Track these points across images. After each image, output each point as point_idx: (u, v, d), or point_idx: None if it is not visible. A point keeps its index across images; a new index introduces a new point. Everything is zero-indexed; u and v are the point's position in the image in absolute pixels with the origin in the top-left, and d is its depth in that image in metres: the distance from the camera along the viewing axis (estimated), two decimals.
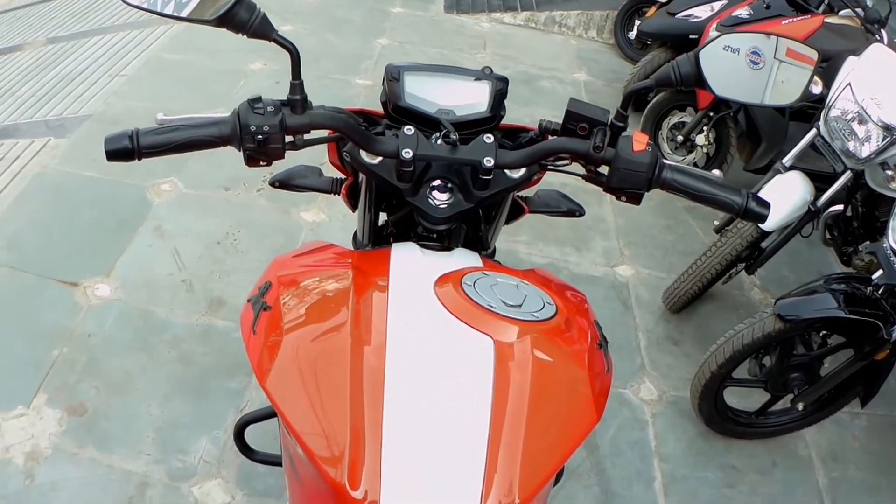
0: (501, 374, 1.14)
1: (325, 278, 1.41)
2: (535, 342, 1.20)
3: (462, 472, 1.06)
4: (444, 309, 1.23)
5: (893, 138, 2.84)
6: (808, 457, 3.28)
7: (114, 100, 4.65)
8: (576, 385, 1.22)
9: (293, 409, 1.13)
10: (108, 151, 1.34)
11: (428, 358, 1.16)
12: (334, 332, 1.22)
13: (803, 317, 2.76)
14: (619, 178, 1.44)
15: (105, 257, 3.44)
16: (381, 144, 1.43)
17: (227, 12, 1.28)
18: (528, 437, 1.10)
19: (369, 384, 1.11)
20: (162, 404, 2.87)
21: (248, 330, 1.34)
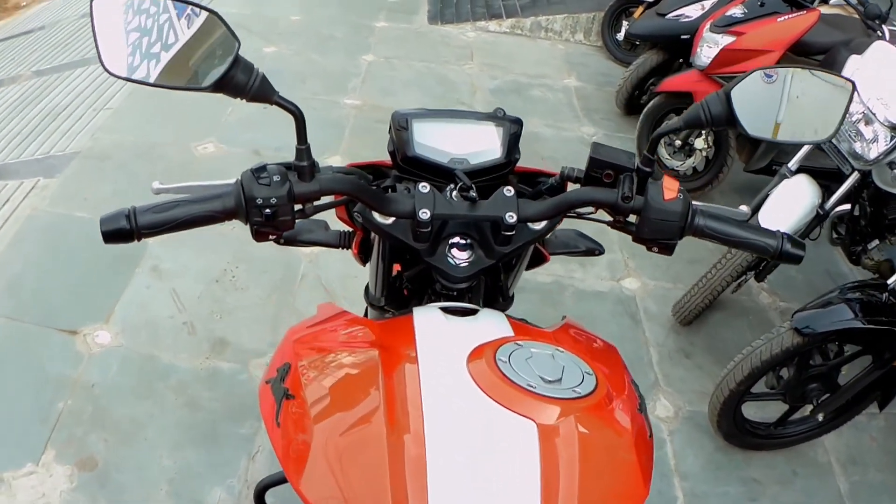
0: (548, 459, 1.08)
1: (349, 357, 1.32)
2: (580, 420, 1.14)
3: None
4: (480, 391, 1.16)
5: None
6: (827, 463, 3.28)
7: (101, 134, 4.62)
8: (623, 460, 1.17)
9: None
10: (105, 233, 1.26)
11: (470, 445, 1.09)
12: (367, 421, 1.14)
13: (821, 330, 2.74)
14: (650, 228, 1.38)
15: (103, 301, 3.41)
16: (396, 204, 1.37)
17: (223, 77, 1.22)
18: None
19: (412, 475, 1.05)
20: (173, 453, 2.84)
21: (271, 421, 1.26)
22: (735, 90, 1.33)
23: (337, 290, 3.63)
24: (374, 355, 1.26)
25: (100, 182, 4.16)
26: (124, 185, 4.14)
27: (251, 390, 3.10)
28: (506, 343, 1.25)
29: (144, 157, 4.41)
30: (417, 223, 1.36)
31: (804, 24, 4.16)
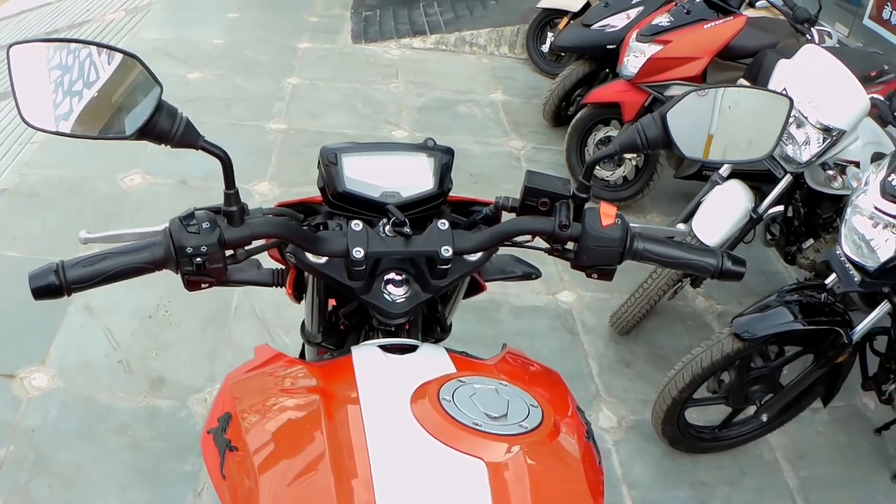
0: (499, 497, 1.09)
1: (290, 402, 1.32)
2: (529, 454, 1.14)
3: None
4: (426, 433, 1.15)
5: (833, 139, 2.93)
6: (774, 460, 3.37)
7: (27, 170, 4.59)
8: (575, 490, 1.19)
9: None
10: (34, 290, 1.25)
11: (420, 488, 1.10)
12: (314, 469, 1.15)
13: (761, 334, 2.80)
14: (588, 255, 1.41)
15: (38, 343, 3.40)
16: (329, 244, 1.37)
17: (146, 124, 1.21)
18: None
19: None
20: (119, 495, 2.84)
21: (216, 472, 1.26)
22: (671, 112, 1.35)
23: (271, 318, 3.66)
24: (315, 399, 1.26)
25: (28, 219, 4.14)
26: (53, 223, 4.12)
27: (191, 427, 3.12)
28: (449, 381, 1.25)
29: (72, 191, 4.40)
30: (351, 262, 1.36)
31: (731, 31, 4.28)
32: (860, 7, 5.38)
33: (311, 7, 7.88)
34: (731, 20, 4.35)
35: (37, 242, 3.97)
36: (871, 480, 3.33)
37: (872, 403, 3.65)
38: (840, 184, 3.10)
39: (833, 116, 2.91)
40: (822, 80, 3.00)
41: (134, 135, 1.21)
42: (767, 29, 4.34)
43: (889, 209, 2.46)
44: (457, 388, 1.22)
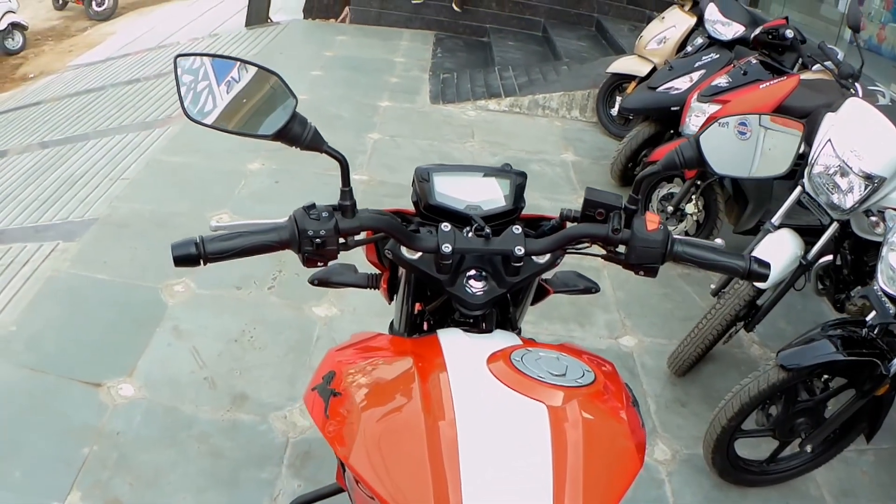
0: (557, 435, 1.32)
1: (386, 364, 1.56)
2: (582, 405, 1.37)
3: None
4: (499, 383, 1.40)
5: (874, 186, 3.04)
6: (820, 496, 3.42)
7: (118, 203, 4.82)
8: (620, 438, 1.40)
9: (380, 480, 1.28)
10: (176, 258, 1.47)
11: (494, 427, 1.33)
12: (408, 410, 1.37)
13: (804, 364, 2.93)
14: (636, 255, 1.63)
15: (126, 357, 3.57)
16: (422, 241, 1.58)
17: (283, 128, 1.50)
18: (586, 486, 1.28)
19: (447, 454, 1.27)
20: (196, 497, 2.98)
21: (320, 416, 1.48)
22: (703, 136, 1.62)
23: None
24: (408, 361, 1.49)
25: (119, 248, 4.35)
26: (143, 252, 4.33)
27: (271, 440, 3.26)
28: (518, 349, 1.49)
29: (161, 226, 4.61)
30: (441, 256, 1.57)
31: (785, 90, 4.43)
32: None
33: (392, 69, 8.17)
34: (784, 80, 4.52)
35: (126, 269, 4.18)
36: None
37: None
38: (882, 230, 3.20)
39: (874, 164, 3.03)
40: (864, 130, 3.14)
41: (272, 136, 1.51)
42: (821, 90, 4.47)
43: None
44: (524, 353, 1.46)
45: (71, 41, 9.93)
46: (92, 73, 8.18)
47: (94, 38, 9.88)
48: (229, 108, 1.54)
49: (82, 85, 7.90)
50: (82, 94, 7.55)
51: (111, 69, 8.09)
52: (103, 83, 7.72)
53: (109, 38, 9.71)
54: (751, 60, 4.76)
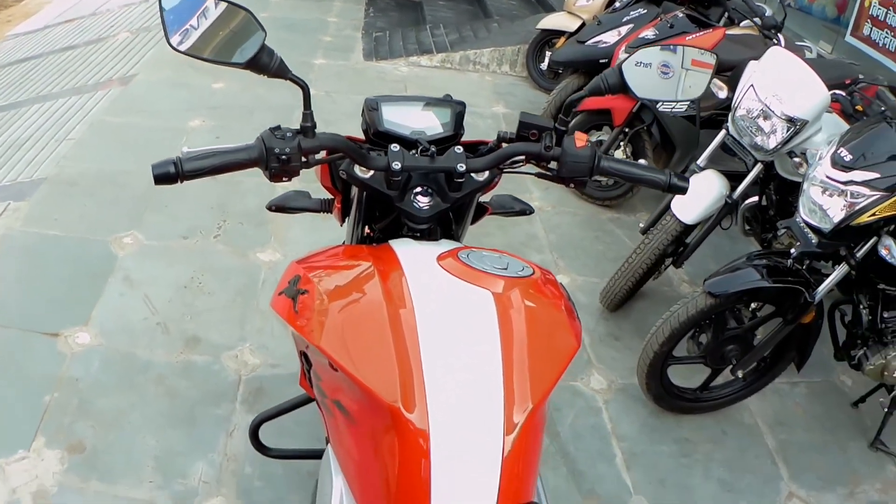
0: (503, 318, 1.43)
1: (347, 265, 1.68)
2: (523, 293, 1.50)
3: (486, 391, 1.34)
4: (450, 275, 1.52)
5: (796, 128, 3.10)
6: (755, 424, 3.51)
7: (65, 163, 4.73)
8: (558, 321, 1.53)
9: (348, 356, 1.39)
10: (156, 176, 1.54)
11: (447, 312, 1.44)
12: (370, 300, 1.48)
13: (730, 291, 3.00)
14: (567, 169, 1.76)
15: (81, 308, 3.54)
16: (375, 161, 1.68)
17: (253, 57, 1.57)
18: (531, 359, 1.39)
19: (408, 335, 1.38)
20: (156, 435, 2.99)
21: (289, 314, 1.58)
22: (625, 64, 1.78)
23: None
24: (367, 262, 1.61)
25: (68, 205, 4.28)
26: (92, 208, 4.28)
27: (225, 378, 3.28)
28: (464, 249, 1.63)
29: (109, 183, 4.53)
30: (391, 173, 1.67)
31: (711, 41, 4.46)
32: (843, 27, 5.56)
33: (326, 29, 8.06)
34: (710, 32, 4.56)
35: (76, 224, 4.12)
36: (848, 448, 3.45)
37: (850, 380, 3.80)
38: (806, 170, 3.27)
39: (796, 108, 3.09)
40: (786, 77, 3.19)
41: (244, 64, 1.58)
42: (748, 44, 4.51)
43: (838, 177, 2.69)
44: (470, 252, 1.60)
45: (8, 11, 9.67)
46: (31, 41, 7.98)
47: (31, 8, 9.62)
48: (205, 39, 1.60)
49: (22, 53, 7.70)
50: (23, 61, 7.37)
51: (50, 37, 7.90)
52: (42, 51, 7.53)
53: (46, 6, 9.46)
54: (677, 14, 4.77)
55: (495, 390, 1.34)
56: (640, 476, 3.17)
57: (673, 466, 3.25)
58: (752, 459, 3.34)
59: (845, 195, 2.68)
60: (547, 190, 5.15)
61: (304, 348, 1.76)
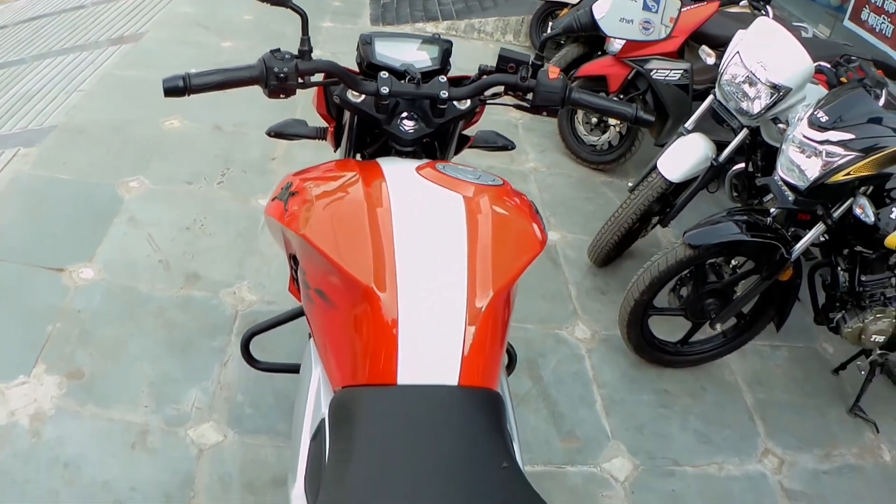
0: (471, 217, 1.57)
1: (335, 174, 1.78)
2: (492, 199, 1.63)
3: (452, 277, 1.48)
4: (426, 181, 1.66)
5: (780, 95, 3.15)
6: (734, 382, 3.56)
7: (74, 112, 4.77)
8: (522, 225, 1.65)
9: (328, 243, 1.51)
10: (166, 89, 1.69)
11: (421, 210, 1.58)
12: (352, 199, 1.62)
13: (709, 242, 3.06)
14: (540, 98, 1.91)
15: (86, 246, 3.60)
16: (365, 85, 1.81)
17: None
18: (494, 254, 1.52)
19: (384, 227, 1.51)
20: (153, 364, 3.05)
21: (280, 212, 1.71)
22: (595, 5, 1.95)
23: None
24: (354, 171, 1.73)
25: (77, 151, 4.33)
26: (100, 154, 4.33)
27: (222, 313, 3.35)
28: (442, 162, 1.78)
29: (117, 131, 4.58)
30: (380, 97, 1.80)
31: (704, 14, 4.49)
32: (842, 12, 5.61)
33: None
34: (704, 5, 4.58)
35: (84, 169, 4.17)
36: (826, 412, 3.48)
37: (831, 348, 3.84)
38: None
39: (780, 76, 3.13)
40: (772, 45, 3.23)
41: None
42: (741, 20, 4.52)
43: (815, 137, 2.76)
44: (447, 165, 1.73)
45: None
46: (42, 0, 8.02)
47: None
48: None
49: (33, 12, 7.73)
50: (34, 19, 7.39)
51: None
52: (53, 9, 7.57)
53: None
54: None
55: (460, 277, 1.47)
56: (618, 422, 3.23)
57: (651, 416, 3.30)
58: (730, 415, 3.38)
59: (821, 155, 2.75)
60: (543, 152, 5.21)
61: (292, 251, 1.88)
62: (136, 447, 2.74)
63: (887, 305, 3.20)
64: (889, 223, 2.90)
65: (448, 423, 1.37)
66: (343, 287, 1.52)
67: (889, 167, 2.79)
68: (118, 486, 2.60)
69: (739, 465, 3.15)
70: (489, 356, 1.48)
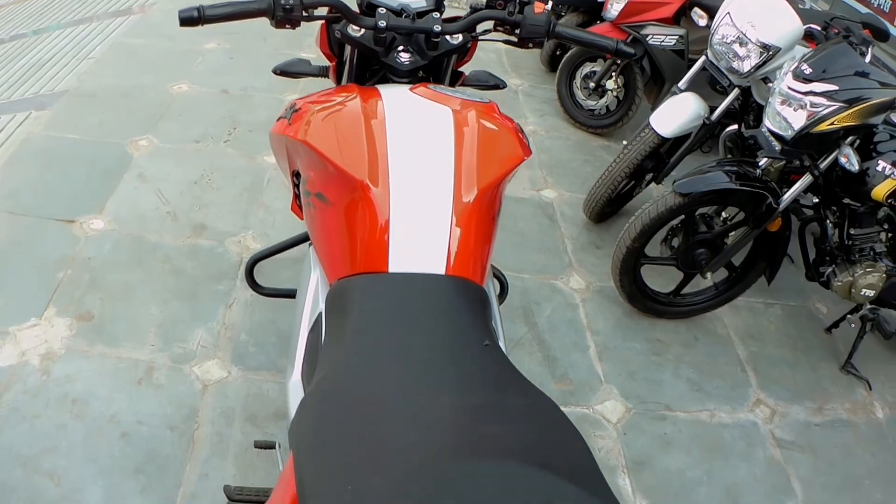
0: (459, 126, 1.67)
1: (337, 94, 1.82)
2: (479, 113, 1.73)
3: (440, 175, 1.58)
4: (418, 97, 1.76)
5: (769, 55, 3.19)
6: (726, 335, 3.58)
7: (85, 77, 4.80)
8: (507, 136, 1.74)
9: (327, 146, 1.61)
10: (182, 19, 1.78)
11: (412, 119, 1.68)
12: (350, 111, 1.69)
13: (698, 190, 3.08)
14: (526, 31, 2.00)
15: (96, 199, 3.64)
16: (365, 20, 1.91)
17: None
18: (480, 157, 1.63)
19: (378, 133, 1.62)
20: (161, 307, 3.10)
21: (284, 127, 1.80)
22: None
23: None
24: (353, 92, 1.79)
25: (88, 113, 4.36)
26: (111, 116, 4.36)
27: (227, 260, 3.40)
28: (435, 84, 1.89)
29: (127, 95, 4.61)
30: (378, 31, 1.91)
31: None
32: None
33: None
34: None
35: (95, 130, 4.21)
36: (819, 368, 3.49)
37: (824, 308, 3.84)
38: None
39: (770, 36, 3.18)
40: (762, 6, 3.26)
41: None
42: None
43: (799, 88, 2.80)
44: (439, 86, 1.84)
45: None
46: None
47: None
48: None
49: None
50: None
51: None
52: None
53: None
54: None
55: (447, 174, 1.57)
56: (611, 367, 3.26)
57: (644, 363, 3.33)
58: (722, 366, 3.40)
59: (805, 106, 2.78)
60: (542, 117, 5.24)
61: (295, 166, 1.96)
62: (143, 383, 2.79)
63: (877, 260, 3.23)
64: (875, 175, 2.93)
65: (435, 307, 1.45)
66: (340, 185, 1.60)
67: (872, 118, 2.83)
68: (125, 419, 2.65)
69: (731, 413, 3.17)
70: (475, 251, 1.57)
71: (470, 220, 1.56)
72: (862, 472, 3.03)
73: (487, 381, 1.29)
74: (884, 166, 2.91)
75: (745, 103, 3.57)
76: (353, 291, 1.48)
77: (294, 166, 1.97)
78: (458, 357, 1.34)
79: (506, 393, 1.26)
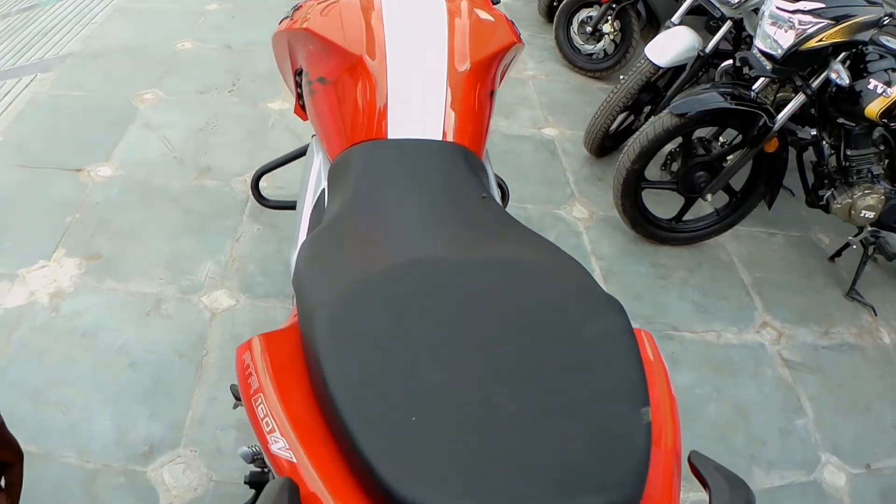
0: (452, 12, 1.74)
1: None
2: (471, 3, 1.81)
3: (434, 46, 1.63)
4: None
5: None
6: (730, 261, 3.54)
7: (89, 40, 4.74)
8: (498, 24, 1.82)
9: (327, 29, 1.68)
10: None
11: (406, 12, 1.73)
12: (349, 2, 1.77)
13: (694, 111, 3.04)
14: None
15: (103, 149, 3.60)
16: None
17: None
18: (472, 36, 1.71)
19: (375, 16, 1.71)
20: (169, 243, 3.07)
21: (286, 24, 1.86)
22: None
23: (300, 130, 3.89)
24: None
25: (93, 72, 4.31)
26: (116, 73, 4.31)
27: (234, 198, 3.36)
28: None
29: (132, 54, 4.55)
30: None
31: None
32: None
33: None
34: None
35: (101, 87, 4.16)
36: (823, 293, 3.45)
37: (827, 238, 3.79)
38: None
39: None
40: None
41: None
42: None
43: (787, 7, 2.80)
44: None
45: None
46: None
47: None
48: None
49: None
50: None
51: None
52: None
53: None
54: None
55: (441, 49, 1.62)
56: (616, 289, 3.21)
57: (649, 286, 3.29)
58: (727, 289, 3.36)
59: (793, 24, 2.78)
60: (541, 62, 5.17)
61: (297, 64, 1.99)
62: (152, 314, 2.75)
63: (874, 183, 3.18)
64: (867, 93, 2.91)
65: (434, 167, 1.49)
66: (339, 63, 1.65)
67: (859, 34, 2.82)
68: (133, 349, 2.61)
69: (738, 335, 3.13)
70: (470, 119, 1.63)
71: (464, 90, 1.62)
72: (871, 394, 2.98)
73: (487, 222, 1.30)
74: (875, 84, 2.89)
75: (737, 37, 3.55)
76: (355, 158, 1.53)
77: (296, 65, 1.99)
78: (458, 203, 1.38)
79: (507, 231, 1.27)
